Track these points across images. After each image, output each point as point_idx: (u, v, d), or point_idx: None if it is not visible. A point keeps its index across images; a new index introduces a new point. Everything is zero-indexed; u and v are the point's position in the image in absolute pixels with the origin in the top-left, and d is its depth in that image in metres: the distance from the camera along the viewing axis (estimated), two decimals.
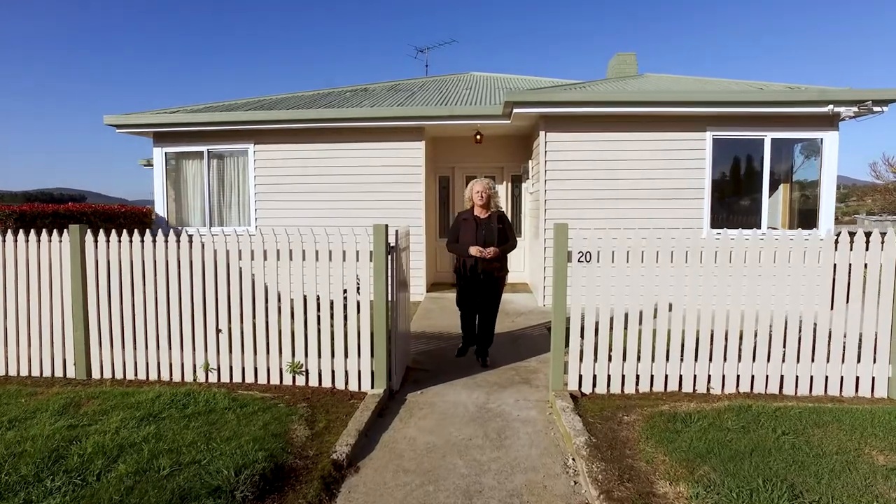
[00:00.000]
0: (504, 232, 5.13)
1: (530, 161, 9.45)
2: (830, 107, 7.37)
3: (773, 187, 8.10)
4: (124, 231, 4.49)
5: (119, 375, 4.59)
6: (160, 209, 9.54)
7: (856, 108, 7.32)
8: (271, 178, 9.14)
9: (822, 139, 7.90)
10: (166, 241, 4.44)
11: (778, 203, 8.45)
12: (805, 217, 8.54)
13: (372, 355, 4.32)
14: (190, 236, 4.42)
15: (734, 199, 8.46)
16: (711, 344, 4.19)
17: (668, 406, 3.84)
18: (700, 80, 9.73)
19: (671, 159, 8.01)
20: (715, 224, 8.12)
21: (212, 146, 9.30)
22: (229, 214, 9.52)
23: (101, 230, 4.55)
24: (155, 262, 4.46)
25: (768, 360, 4.17)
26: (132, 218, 9.45)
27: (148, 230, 4.54)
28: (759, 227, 8.12)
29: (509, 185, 10.52)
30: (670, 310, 4.19)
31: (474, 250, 4.92)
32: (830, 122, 7.76)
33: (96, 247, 4.53)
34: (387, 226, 4.23)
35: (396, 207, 8.87)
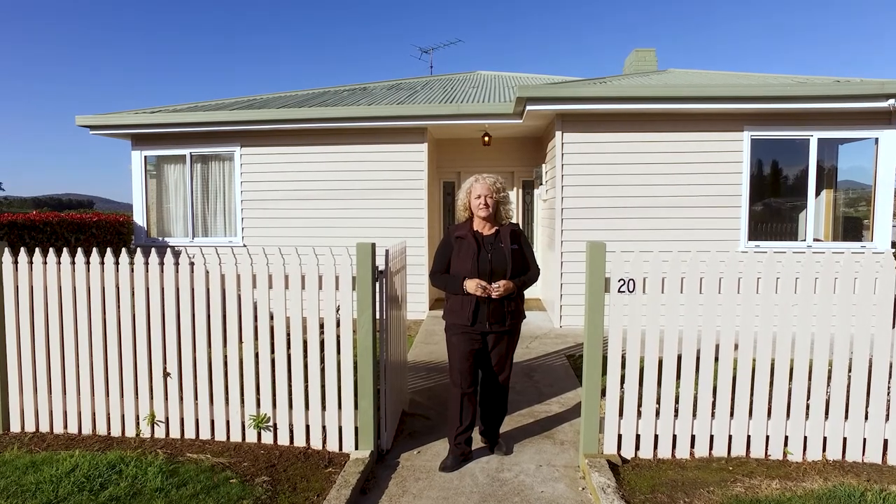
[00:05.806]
0: (522, 256, 3.37)
1: (544, 165, 8.55)
2: (892, 101, 6.44)
3: (816, 193, 7.18)
4: (75, 247, 3.63)
5: (45, 428, 3.71)
6: (139, 218, 8.72)
7: None
8: (260, 183, 8.30)
9: (877, 138, 6.97)
10: (102, 263, 3.57)
11: (821, 211, 7.51)
12: (851, 227, 7.60)
13: (356, 406, 3.43)
14: (131, 251, 3.56)
15: (773, 207, 7.52)
16: (789, 395, 3.26)
17: (742, 487, 2.91)
18: (734, 75, 8.80)
19: (704, 162, 7.10)
20: (753, 236, 7.22)
21: (195, 149, 8.47)
22: (214, 224, 8.68)
23: (23, 248, 3.69)
24: (89, 287, 3.59)
25: (866, 417, 3.24)
26: (106, 228, 8.61)
27: (109, 245, 3.68)
28: (803, 238, 7.22)
29: (520, 191, 9.63)
30: (736, 349, 3.28)
31: (472, 285, 3.15)
32: (889, 118, 6.83)
33: (16, 269, 3.67)
34: (374, 245, 3.34)
35: (396, 216, 8.01)
